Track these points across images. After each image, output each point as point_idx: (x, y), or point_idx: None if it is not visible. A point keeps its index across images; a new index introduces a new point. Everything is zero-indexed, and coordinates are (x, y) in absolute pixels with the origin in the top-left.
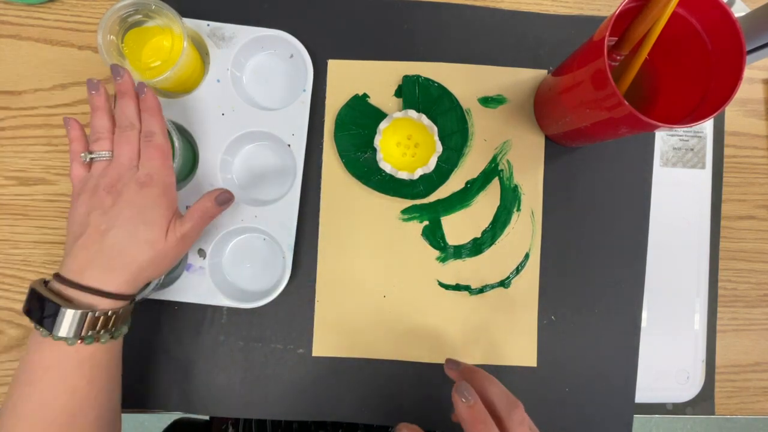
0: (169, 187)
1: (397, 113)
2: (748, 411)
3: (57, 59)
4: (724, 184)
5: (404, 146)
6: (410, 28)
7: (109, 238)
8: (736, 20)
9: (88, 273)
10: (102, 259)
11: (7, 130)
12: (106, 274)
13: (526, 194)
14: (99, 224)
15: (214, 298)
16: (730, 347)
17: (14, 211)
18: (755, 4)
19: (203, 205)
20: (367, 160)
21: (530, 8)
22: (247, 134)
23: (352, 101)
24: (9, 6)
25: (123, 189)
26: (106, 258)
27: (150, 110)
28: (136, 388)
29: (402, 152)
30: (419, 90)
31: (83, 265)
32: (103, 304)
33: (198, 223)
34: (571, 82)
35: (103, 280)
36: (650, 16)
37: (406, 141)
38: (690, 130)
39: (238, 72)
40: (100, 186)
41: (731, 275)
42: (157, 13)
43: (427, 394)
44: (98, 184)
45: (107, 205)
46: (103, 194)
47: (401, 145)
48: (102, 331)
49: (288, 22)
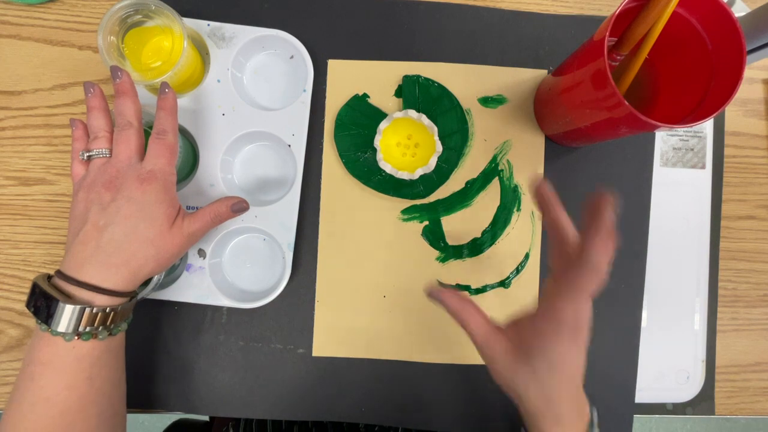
0: (171, 185)
1: (397, 113)
2: (748, 411)
3: (57, 59)
4: (724, 184)
5: (404, 146)
6: (410, 28)
7: (107, 234)
8: (736, 20)
9: (86, 269)
10: (100, 255)
11: (7, 130)
12: (104, 271)
13: (527, 194)
14: (97, 220)
15: (214, 298)
16: (730, 347)
17: (14, 211)
18: (755, 4)
19: (217, 208)
20: (367, 160)
21: (530, 8)
22: (247, 134)
23: (352, 101)
24: (9, 6)
25: (122, 185)
26: (104, 254)
27: (167, 110)
28: (136, 388)
29: (402, 152)
30: (419, 90)
31: (82, 261)
32: (101, 301)
33: (207, 224)
34: (571, 82)
35: (102, 277)
36: (650, 16)
37: (406, 141)
38: (690, 130)
39: (239, 72)
40: (98, 182)
41: (731, 275)
42: (157, 14)
43: (427, 393)
44: (96, 180)
45: (106, 200)
46: (102, 190)
47: (401, 145)
48: (100, 327)
49: (288, 22)
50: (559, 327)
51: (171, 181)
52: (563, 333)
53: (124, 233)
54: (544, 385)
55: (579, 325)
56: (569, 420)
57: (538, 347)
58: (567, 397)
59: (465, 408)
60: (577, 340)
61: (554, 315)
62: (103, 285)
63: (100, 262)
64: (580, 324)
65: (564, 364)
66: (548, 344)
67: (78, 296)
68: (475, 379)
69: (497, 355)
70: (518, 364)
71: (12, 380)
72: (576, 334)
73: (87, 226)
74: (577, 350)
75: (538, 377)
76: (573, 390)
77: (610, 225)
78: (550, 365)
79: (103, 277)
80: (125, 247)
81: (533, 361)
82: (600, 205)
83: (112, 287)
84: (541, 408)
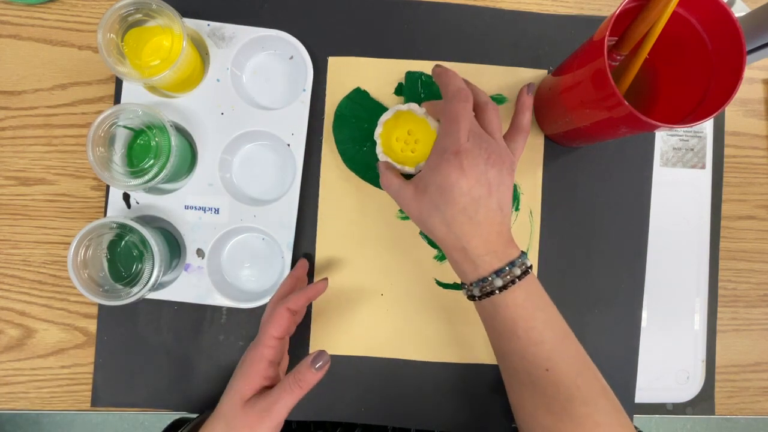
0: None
1: (400, 105)
2: (748, 411)
3: (57, 59)
4: (724, 184)
5: (404, 141)
6: (410, 29)
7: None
8: (736, 20)
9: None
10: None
11: (7, 130)
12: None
13: (525, 194)
14: None
15: (213, 298)
16: (730, 347)
17: (14, 211)
18: (755, 4)
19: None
20: (366, 154)
21: (530, 8)
22: (246, 134)
23: (353, 94)
24: (9, 6)
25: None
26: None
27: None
28: (136, 388)
29: (401, 147)
30: (422, 87)
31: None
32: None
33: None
34: (571, 82)
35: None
36: (650, 16)
37: (406, 136)
38: (690, 130)
39: (238, 71)
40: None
41: (731, 275)
42: (158, 13)
43: (425, 392)
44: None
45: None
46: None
47: (400, 141)
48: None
49: (288, 22)
50: (440, 156)
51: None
52: (444, 158)
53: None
54: (440, 209)
55: (457, 149)
56: (474, 251)
57: (430, 179)
58: (470, 231)
59: (463, 406)
60: (460, 165)
61: (436, 148)
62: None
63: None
64: (459, 148)
65: (451, 187)
66: (435, 172)
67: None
68: (473, 377)
69: (407, 199)
70: (420, 198)
71: (12, 380)
72: (455, 157)
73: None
74: (462, 173)
75: (434, 204)
76: (476, 225)
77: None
78: (440, 190)
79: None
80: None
81: (428, 191)
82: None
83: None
84: (445, 236)
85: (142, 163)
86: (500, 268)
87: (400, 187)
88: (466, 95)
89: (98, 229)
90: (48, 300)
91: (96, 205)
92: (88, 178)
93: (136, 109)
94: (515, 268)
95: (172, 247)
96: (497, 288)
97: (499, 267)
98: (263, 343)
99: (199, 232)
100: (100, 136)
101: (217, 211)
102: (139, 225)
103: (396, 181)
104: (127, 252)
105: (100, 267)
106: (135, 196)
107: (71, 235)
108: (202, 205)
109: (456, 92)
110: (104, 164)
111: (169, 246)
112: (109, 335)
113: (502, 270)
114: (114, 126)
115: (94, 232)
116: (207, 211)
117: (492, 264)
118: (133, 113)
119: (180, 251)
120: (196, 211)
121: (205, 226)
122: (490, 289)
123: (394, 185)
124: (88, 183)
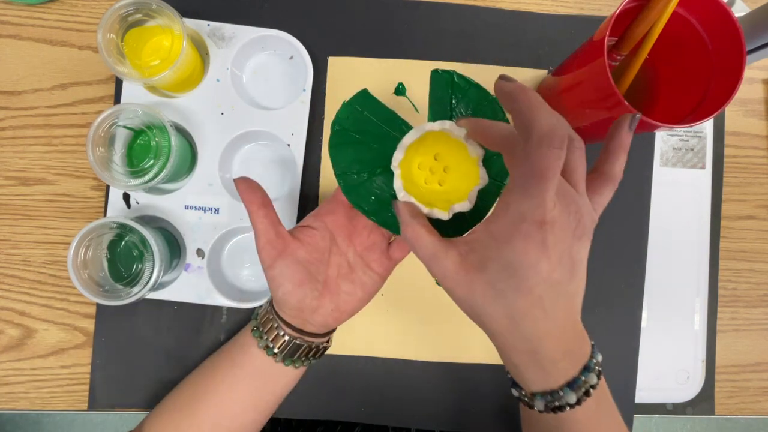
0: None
1: (430, 124)
2: (748, 411)
3: (57, 59)
4: (724, 184)
5: (428, 169)
6: (410, 29)
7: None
8: (736, 20)
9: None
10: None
11: (7, 130)
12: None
13: None
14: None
15: (213, 298)
16: (730, 347)
17: (14, 211)
18: (755, 4)
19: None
20: (376, 185)
21: (530, 8)
22: (246, 134)
23: (356, 98)
24: (9, 6)
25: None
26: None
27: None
28: (137, 388)
29: (425, 177)
30: (455, 92)
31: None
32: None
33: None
34: (571, 82)
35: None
36: (650, 16)
37: (432, 162)
38: (690, 130)
39: (238, 71)
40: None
41: (731, 275)
42: (158, 13)
43: (425, 392)
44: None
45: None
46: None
47: (424, 168)
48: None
49: (288, 22)
50: (514, 224)
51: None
52: (521, 230)
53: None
54: (506, 298)
55: (541, 219)
56: (548, 355)
57: (493, 253)
58: (545, 329)
59: (463, 406)
60: (544, 241)
61: (507, 211)
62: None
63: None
64: (544, 218)
65: (526, 270)
66: (503, 245)
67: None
68: (473, 377)
69: (448, 272)
70: (472, 276)
71: (12, 380)
72: (538, 230)
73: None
74: (544, 251)
75: (497, 289)
76: (552, 320)
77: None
78: (508, 271)
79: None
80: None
81: (488, 270)
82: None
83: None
84: (507, 333)
85: (142, 163)
86: (575, 378)
87: (436, 250)
88: (561, 140)
89: (98, 229)
90: (48, 300)
91: (96, 205)
92: (88, 178)
93: (136, 109)
94: (591, 375)
95: (172, 247)
96: (569, 404)
97: (575, 376)
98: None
99: (199, 232)
100: (100, 136)
101: (217, 211)
102: (139, 225)
103: (429, 240)
104: (127, 252)
105: (100, 267)
106: (135, 196)
107: (71, 235)
108: (202, 205)
109: (549, 134)
110: (104, 164)
111: (169, 246)
112: (108, 336)
113: (577, 381)
114: (114, 126)
115: (94, 232)
116: (207, 211)
117: (567, 372)
118: (133, 113)
119: (180, 251)
120: (196, 211)
121: (205, 226)
122: (560, 404)
123: (426, 247)
124: (88, 183)
